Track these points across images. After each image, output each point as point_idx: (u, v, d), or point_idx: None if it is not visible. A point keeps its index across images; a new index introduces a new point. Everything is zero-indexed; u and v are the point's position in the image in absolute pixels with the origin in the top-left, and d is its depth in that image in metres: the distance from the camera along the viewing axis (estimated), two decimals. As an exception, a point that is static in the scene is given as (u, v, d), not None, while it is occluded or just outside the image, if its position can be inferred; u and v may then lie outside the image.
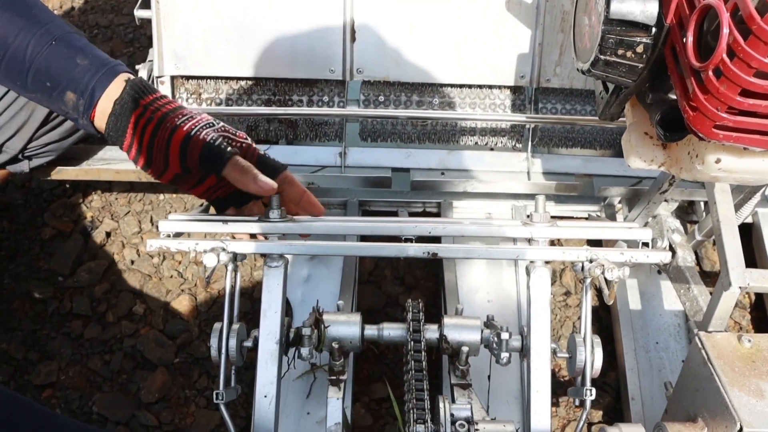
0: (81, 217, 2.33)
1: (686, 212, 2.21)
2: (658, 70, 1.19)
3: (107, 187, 2.38)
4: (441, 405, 1.39)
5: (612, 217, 2.19)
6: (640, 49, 1.17)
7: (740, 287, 1.43)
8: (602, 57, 1.20)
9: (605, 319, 2.17)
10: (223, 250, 1.40)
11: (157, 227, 2.29)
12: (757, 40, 0.94)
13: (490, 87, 2.01)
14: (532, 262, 1.54)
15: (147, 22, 1.95)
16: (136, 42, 2.83)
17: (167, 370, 2.05)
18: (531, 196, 2.08)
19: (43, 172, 2.01)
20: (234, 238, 1.51)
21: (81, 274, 2.21)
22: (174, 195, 2.37)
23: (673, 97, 1.22)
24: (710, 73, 1.02)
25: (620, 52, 1.18)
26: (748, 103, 1.02)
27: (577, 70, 1.32)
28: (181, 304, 2.15)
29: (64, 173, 2.02)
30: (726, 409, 1.30)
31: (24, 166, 1.95)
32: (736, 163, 1.18)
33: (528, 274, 1.57)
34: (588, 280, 1.53)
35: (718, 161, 1.18)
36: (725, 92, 1.02)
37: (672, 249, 1.92)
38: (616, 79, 1.26)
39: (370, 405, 2.03)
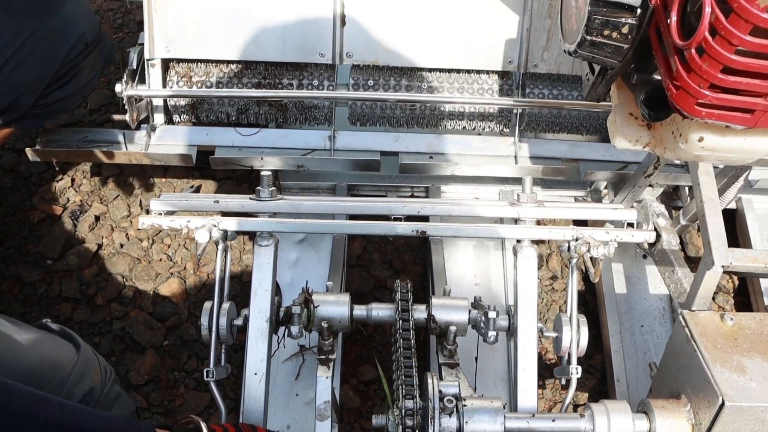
0: (70, 201, 2.33)
1: (671, 198, 2.23)
2: (643, 51, 1.22)
3: (96, 170, 2.39)
4: (429, 381, 1.41)
5: (598, 201, 2.21)
6: (625, 29, 1.19)
7: (723, 266, 1.46)
8: (588, 37, 1.22)
9: (591, 303, 2.19)
10: (215, 226, 1.41)
11: (147, 211, 2.31)
12: (738, 18, 0.97)
13: (478, 72, 2.02)
14: (519, 241, 1.56)
15: (137, 6, 1.96)
16: (125, 27, 2.82)
17: (156, 352, 2.07)
18: (518, 181, 2.09)
19: (34, 153, 2.01)
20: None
21: (70, 258, 2.21)
22: (163, 179, 2.37)
23: (658, 77, 1.24)
24: (693, 51, 1.05)
25: (606, 32, 1.20)
26: (730, 80, 1.04)
27: (564, 51, 1.34)
28: (171, 287, 2.16)
29: (54, 155, 2.02)
30: (708, 385, 1.33)
31: (30, 124, 1.93)
32: (719, 142, 1.20)
33: (515, 254, 1.60)
34: (574, 260, 1.56)
35: (701, 140, 1.20)
36: (707, 70, 1.04)
37: (657, 232, 1.94)
38: (602, 60, 1.28)
39: (358, 387, 2.05)
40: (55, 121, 2.20)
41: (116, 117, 1.94)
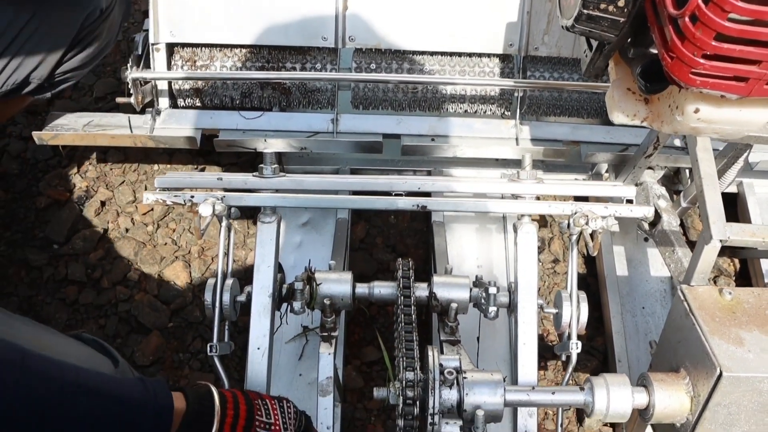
0: (76, 187, 2.36)
1: (672, 182, 2.24)
2: (639, 25, 1.23)
3: (102, 157, 2.41)
4: (430, 354, 1.43)
5: (599, 184, 2.22)
6: (621, 2, 1.20)
7: (721, 240, 1.47)
8: (585, 11, 1.23)
9: (593, 286, 2.20)
10: (219, 200, 1.43)
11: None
12: (731, -17, 0.98)
13: (480, 55, 2.04)
14: (519, 218, 1.58)
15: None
16: (131, 18, 2.85)
17: (161, 333, 2.09)
18: (520, 164, 2.11)
19: (41, 137, 2.03)
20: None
21: (76, 242, 2.24)
22: (168, 165, 2.40)
23: (654, 51, 1.25)
24: (687, 19, 1.06)
25: (602, 6, 1.22)
26: (723, 48, 1.06)
27: (562, 27, 1.35)
28: (175, 271, 2.18)
29: (60, 138, 2.04)
30: (707, 357, 1.34)
31: (46, 91, 1.92)
32: (714, 113, 1.21)
33: (515, 230, 1.61)
34: (574, 237, 1.57)
35: (696, 111, 1.21)
36: (701, 37, 1.05)
37: (657, 214, 1.95)
38: (599, 35, 1.30)
39: (361, 368, 2.07)
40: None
41: (121, 100, 1.95)
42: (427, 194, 1.82)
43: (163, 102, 2.09)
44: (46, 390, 1.08)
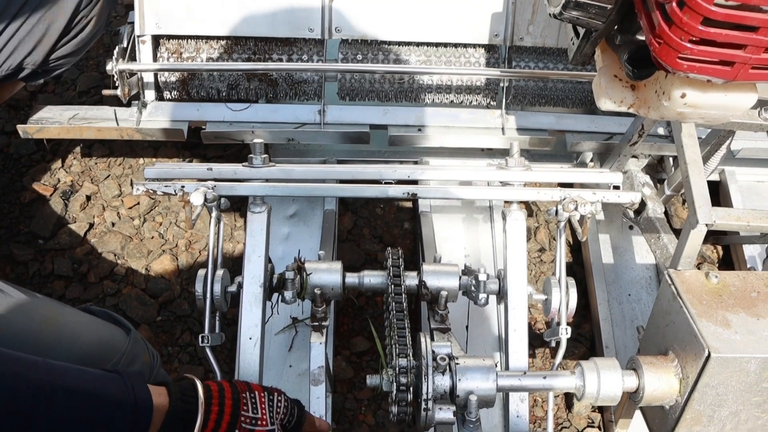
0: (60, 182, 2.35)
1: (656, 170, 2.27)
2: (626, 12, 1.24)
3: (86, 152, 2.40)
4: (422, 341, 1.44)
5: (584, 173, 2.24)
6: (608, -11, 1.22)
7: (706, 224, 1.49)
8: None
9: (579, 274, 2.23)
10: (210, 189, 1.43)
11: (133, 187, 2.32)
12: (718, -33, 1.00)
13: (465, 46, 2.05)
14: (507, 204, 1.59)
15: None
16: (113, 12, 2.83)
17: (150, 327, 2.08)
18: (507, 154, 2.13)
19: (25, 130, 2.02)
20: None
21: (62, 237, 2.23)
22: (153, 159, 2.39)
23: (640, 37, 1.27)
24: (674, 4, 1.07)
25: (590, -8, 1.23)
26: (710, 32, 1.07)
27: (549, 14, 1.36)
28: (163, 264, 2.18)
29: (46, 131, 2.03)
30: (695, 338, 1.36)
31: (39, 77, 1.91)
32: (700, 98, 1.23)
33: (504, 218, 1.63)
34: (562, 224, 1.59)
35: (683, 96, 1.23)
36: (688, 22, 1.07)
37: (642, 201, 1.98)
38: (586, 22, 1.31)
39: (351, 358, 2.08)
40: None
41: (107, 92, 1.94)
42: (416, 183, 1.83)
43: (149, 94, 2.08)
44: (20, 392, 1.06)
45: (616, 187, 1.61)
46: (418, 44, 2.04)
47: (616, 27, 1.31)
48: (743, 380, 1.35)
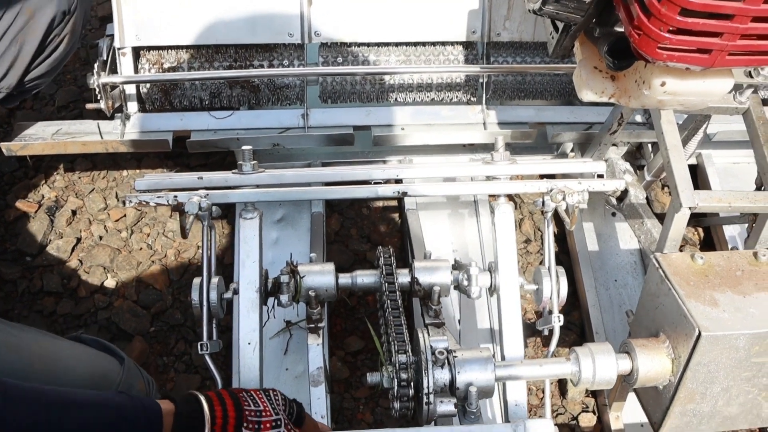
0: (45, 198, 2.34)
1: (635, 157, 2.31)
2: (604, 5, 1.28)
3: (69, 166, 2.40)
4: (420, 336, 1.47)
5: (566, 164, 2.28)
6: (586, -17, 1.25)
7: (690, 207, 1.53)
8: (552, -6, 1.28)
9: (566, 262, 2.26)
10: (203, 198, 1.44)
11: (123, 203, 2.33)
12: (693, -41, 1.03)
13: (443, 44, 2.08)
14: (495, 198, 1.62)
15: (106, 6, 1.98)
16: (88, 24, 2.82)
17: (144, 338, 2.09)
18: (487, 149, 2.16)
19: (9, 148, 2.02)
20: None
21: (49, 253, 2.23)
22: (137, 170, 2.39)
23: (619, 29, 1.30)
24: (653, -5, 1.11)
25: (568, -12, 1.26)
26: (688, 22, 1.11)
27: (528, 10, 1.39)
28: (153, 275, 2.19)
29: (30, 148, 2.03)
30: (685, 319, 1.40)
31: (14, 100, 1.91)
32: (680, 85, 1.27)
33: (492, 211, 1.66)
34: (549, 214, 1.62)
35: (663, 84, 1.27)
36: (666, 13, 1.11)
37: (625, 188, 2.01)
38: (566, 16, 1.34)
39: (346, 358, 2.10)
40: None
41: (90, 106, 1.94)
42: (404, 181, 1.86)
43: (132, 106, 2.09)
44: (33, 411, 1.08)
45: (600, 176, 1.65)
46: (397, 44, 2.06)
47: (594, 20, 1.34)
48: (733, 356, 1.40)
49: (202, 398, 1.27)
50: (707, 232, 2.36)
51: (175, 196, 1.47)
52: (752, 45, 1.16)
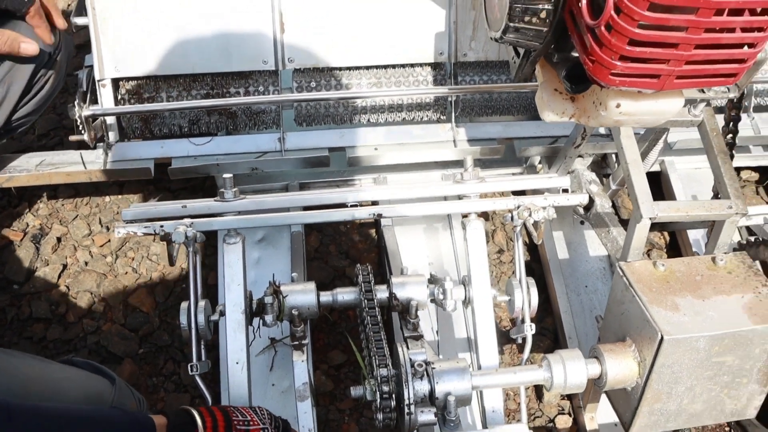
0: (29, 226, 2.39)
1: (600, 167, 2.40)
2: (561, 33, 1.36)
3: (52, 194, 2.45)
4: (400, 350, 1.54)
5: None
6: (543, 14, 1.33)
7: (650, 218, 1.62)
8: (512, 24, 1.36)
9: (538, 270, 2.35)
10: (188, 227, 1.51)
11: (107, 228, 2.39)
12: (637, -3, 1.12)
13: (413, 65, 2.16)
14: (465, 216, 1.70)
15: (79, 30, 2.03)
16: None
17: (133, 360, 2.15)
18: (459, 164, 2.24)
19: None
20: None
21: (36, 280, 2.28)
22: (119, 196, 2.45)
23: (575, 54, 1.39)
24: (603, 28, 1.20)
25: (527, 18, 1.35)
26: (636, 51, 1.20)
27: (491, 38, 1.48)
28: (139, 298, 2.24)
29: (15, 180, 2.08)
30: (648, 324, 1.48)
31: (2, 140, 1.97)
32: (633, 106, 1.36)
33: (464, 228, 1.74)
34: (518, 228, 1.71)
35: (618, 106, 1.36)
36: (616, 43, 1.20)
37: (591, 198, 2.10)
38: (525, 44, 1.43)
39: (329, 372, 2.17)
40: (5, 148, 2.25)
41: (73, 138, 2.00)
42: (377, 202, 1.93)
43: (113, 135, 2.14)
44: (36, 428, 1.15)
45: (565, 190, 1.74)
46: (367, 68, 2.14)
47: (552, 46, 1.43)
48: (695, 357, 1.49)
49: (194, 412, 1.35)
50: (673, 235, 2.46)
51: (161, 226, 1.53)
52: (697, 69, 1.26)
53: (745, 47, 1.25)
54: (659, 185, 2.48)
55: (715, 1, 1.13)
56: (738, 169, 2.64)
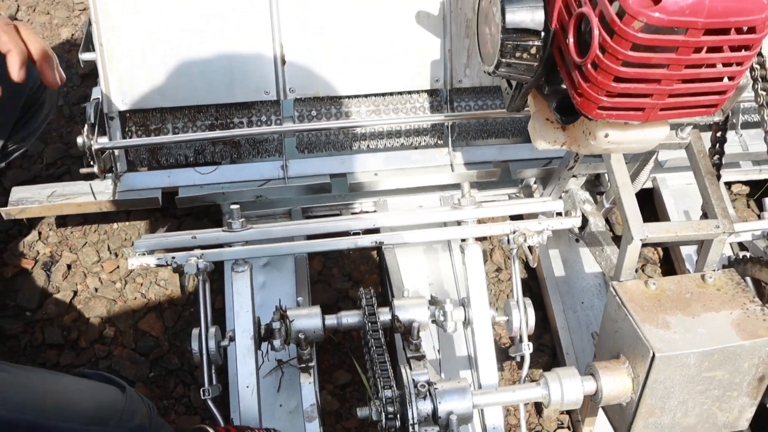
0: (40, 254, 2.46)
1: (594, 185, 2.47)
2: (551, 67, 1.44)
3: (61, 222, 2.52)
4: (403, 371, 1.61)
5: (530, 196, 2.44)
6: (533, 50, 1.41)
7: (641, 240, 1.69)
8: (503, 60, 1.43)
9: (535, 288, 2.42)
10: (199, 258, 1.58)
11: (116, 254, 2.45)
12: (620, 38, 1.20)
13: (410, 93, 2.23)
14: (464, 240, 1.77)
15: (88, 64, 2.10)
16: (69, 81, 2.94)
17: (144, 384, 2.21)
18: (456, 186, 2.31)
19: (8, 213, 2.14)
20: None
21: (48, 307, 2.34)
22: (127, 223, 2.52)
23: (565, 87, 1.46)
24: (589, 66, 1.27)
25: (518, 54, 1.42)
26: (621, 87, 1.27)
27: (484, 72, 1.55)
28: (149, 323, 2.31)
29: (27, 211, 2.15)
30: (640, 342, 1.55)
31: (0, 164, 2.01)
32: (621, 136, 1.43)
33: (462, 252, 1.81)
34: (514, 251, 1.77)
35: (606, 135, 1.43)
36: (602, 80, 1.27)
37: (584, 217, 2.17)
38: (517, 77, 1.51)
39: (335, 391, 2.23)
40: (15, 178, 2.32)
41: (85, 171, 2.07)
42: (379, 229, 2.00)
43: (121, 166, 2.21)
44: None
45: (559, 214, 1.80)
46: (366, 96, 2.21)
47: (543, 79, 1.50)
48: (686, 373, 1.55)
49: (210, 430, 1.42)
50: (666, 250, 2.53)
51: (173, 257, 1.60)
52: (680, 102, 1.33)
53: (725, 79, 1.33)
54: (652, 200, 2.55)
55: (693, 40, 1.20)
56: (729, 184, 2.72)
